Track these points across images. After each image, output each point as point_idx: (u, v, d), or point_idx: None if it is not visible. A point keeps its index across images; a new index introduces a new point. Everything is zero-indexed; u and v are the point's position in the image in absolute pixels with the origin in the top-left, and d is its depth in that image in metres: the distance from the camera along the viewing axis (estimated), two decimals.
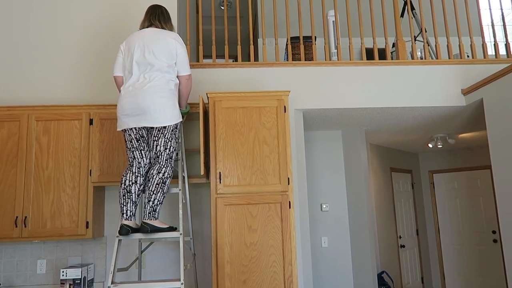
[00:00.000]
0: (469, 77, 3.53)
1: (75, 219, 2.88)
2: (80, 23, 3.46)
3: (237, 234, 2.67)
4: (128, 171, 2.50)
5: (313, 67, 3.47)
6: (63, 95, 3.34)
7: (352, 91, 3.46)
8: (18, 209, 2.86)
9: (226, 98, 2.85)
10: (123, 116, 2.47)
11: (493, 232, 5.94)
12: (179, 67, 2.59)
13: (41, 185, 2.90)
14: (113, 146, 2.98)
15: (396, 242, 5.65)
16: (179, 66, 2.59)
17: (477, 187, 6.17)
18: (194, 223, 3.24)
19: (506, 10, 5.57)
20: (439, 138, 5.19)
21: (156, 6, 2.68)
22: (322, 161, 4.47)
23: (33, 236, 2.84)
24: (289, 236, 2.68)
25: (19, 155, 2.93)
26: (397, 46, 3.63)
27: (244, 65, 3.44)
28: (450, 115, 3.90)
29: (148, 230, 2.38)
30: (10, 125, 2.97)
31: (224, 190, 2.72)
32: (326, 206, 4.36)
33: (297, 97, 3.42)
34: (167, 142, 2.49)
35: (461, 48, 3.63)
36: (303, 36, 3.95)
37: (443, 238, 6.43)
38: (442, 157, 6.56)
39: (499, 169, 3.04)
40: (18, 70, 3.36)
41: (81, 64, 3.39)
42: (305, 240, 3.40)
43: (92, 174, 2.93)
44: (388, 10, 5.34)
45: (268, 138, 2.80)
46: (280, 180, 2.75)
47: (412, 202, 6.32)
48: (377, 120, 3.98)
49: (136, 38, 2.54)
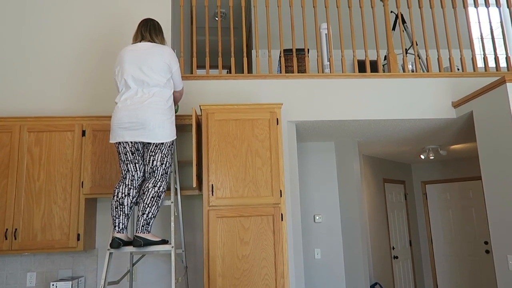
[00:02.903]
0: (459, 90, 3.58)
1: (66, 231, 2.85)
2: (74, 34, 3.47)
3: (229, 246, 2.66)
4: (121, 183, 2.49)
5: (306, 79, 3.50)
6: (56, 106, 3.33)
7: (345, 103, 3.49)
8: (9, 221, 2.83)
9: (219, 110, 2.86)
10: (119, 129, 2.46)
11: (485, 242, 5.97)
12: (175, 83, 2.66)
13: (32, 197, 2.88)
14: (106, 157, 2.97)
15: (389, 253, 5.66)
16: (175, 83, 2.66)
17: (469, 197, 6.22)
18: (187, 235, 3.23)
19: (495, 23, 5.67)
20: (431, 150, 5.23)
21: (148, 19, 2.70)
22: (315, 172, 4.49)
23: (23, 248, 2.81)
24: (281, 249, 2.68)
25: (11, 166, 2.90)
26: (389, 59, 3.68)
27: (237, 77, 3.46)
28: (441, 127, 3.95)
29: (141, 243, 2.37)
30: (1, 136, 2.95)
31: (217, 202, 2.72)
32: (319, 217, 4.37)
33: (290, 109, 3.44)
34: (163, 157, 2.50)
35: (451, 61, 3.68)
36: (296, 48, 3.99)
37: (436, 248, 6.45)
38: (435, 168, 6.61)
39: (489, 181, 3.08)
40: (11, 81, 3.35)
41: (75, 75, 3.40)
42: (298, 252, 3.39)
43: (84, 185, 2.91)
44: (380, 23, 5.42)
45: (260, 150, 2.81)
46: (272, 192, 2.76)
47: (405, 213, 6.34)
48: (369, 131, 4.01)
49: (130, 52, 2.55)
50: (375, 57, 5.38)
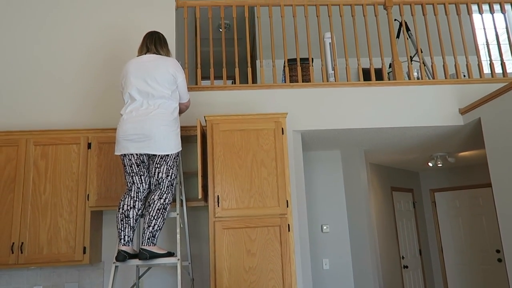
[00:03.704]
0: (466, 97, 3.55)
1: (72, 245, 2.84)
2: (79, 47, 3.50)
3: (236, 258, 2.63)
4: (126, 195, 2.48)
5: (310, 88, 3.49)
6: (62, 119, 3.35)
7: (350, 111, 3.47)
8: (15, 235, 2.83)
9: (223, 121, 2.85)
10: (124, 141, 2.45)
11: (497, 251, 5.85)
12: (181, 95, 2.65)
13: (38, 210, 2.87)
14: (111, 170, 2.97)
15: (399, 263, 5.57)
16: (181, 94, 2.65)
17: (479, 205, 6.12)
18: (193, 247, 3.20)
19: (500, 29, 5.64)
20: (439, 157, 5.18)
21: (153, 32, 2.72)
22: (322, 182, 4.45)
23: (29, 262, 2.80)
24: (288, 260, 2.64)
25: (17, 180, 2.91)
26: (394, 66, 3.66)
27: (242, 87, 3.46)
28: (448, 134, 3.90)
29: (147, 256, 2.35)
30: (8, 150, 2.97)
31: (222, 213, 2.69)
32: (327, 227, 4.32)
33: (295, 118, 3.43)
34: (169, 169, 2.49)
35: (457, 67, 3.66)
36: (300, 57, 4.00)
37: (447, 258, 6.33)
38: (443, 175, 6.53)
39: (500, 188, 3.02)
40: (17, 94, 3.38)
41: (80, 88, 3.42)
42: (306, 263, 3.35)
43: (90, 198, 2.91)
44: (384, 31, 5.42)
45: (266, 161, 2.80)
46: (278, 202, 2.73)
47: (414, 221, 6.25)
48: (375, 140, 3.98)
49: (135, 65, 2.56)
50: (379, 65, 5.37)
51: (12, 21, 3.52)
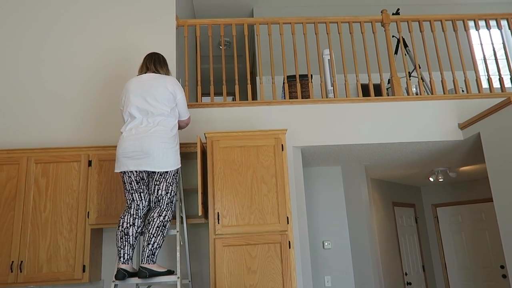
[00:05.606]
0: (465, 112, 3.57)
1: (72, 263, 2.82)
2: (80, 66, 3.55)
3: (236, 276, 2.61)
4: (126, 213, 2.48)
5: (310, 104, 3.52)
6: (63, 137, 3.37)
7: (350, 127, 3.48)
8: (14, 253, 2.81)
9: (223, 137, 2.87)
10: (124, 158, 2.47)
11: (501, 267, 5.78)
12: (180, 113, 2.68)
13: (38, 228, 2.87)
14: (112, 187, 2.97)
15: (402, 279, 5.50)
16: (180, 112, 2.67)
17: (482, 220, 6.07)
18: (193, 265, 3.17)
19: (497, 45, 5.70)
20: (440, 172, 5.17)
21: (153, 53, 2.77)
22: (323, 197, 4.43)
23: (28, 281, 2.77)
24: (289, 277, 2.61)
25: (17, 198, 2.91)
26: (392, 82, 3.69)
27: (241, 104, 3.49)
28: (448, 149, 3.91)
29: (147, 275, 2.33)
30: (9, 168, 2.98)
31: (223, 230, 2.68)
32: (328, 243, 4.28)
33: (295, 134, 3.44)
34: (168, 186, 2.50)
35: (455, 83, 3.69)
36: (299, 74, 4.04)
37: (451, 274, 6.25)
38: (445, 190, 6.50)
39: (501, 203, 3.01)
40: (18, 113, 3.41)
41: (81, 106, 3.45)
42: (307, 280, 3.31)
43: (90, 216, 2.90)
44: (382, 47, 5.48)
45: (266, 177, 2.80)
46: (279, 219, 2.72)
47: (416, 237, 6.20)
48: (376, 155, 3.98)
49: (135, 84, 2.59)
50: (378, 81, 5.41)
51: (15, 40, 3.58)
